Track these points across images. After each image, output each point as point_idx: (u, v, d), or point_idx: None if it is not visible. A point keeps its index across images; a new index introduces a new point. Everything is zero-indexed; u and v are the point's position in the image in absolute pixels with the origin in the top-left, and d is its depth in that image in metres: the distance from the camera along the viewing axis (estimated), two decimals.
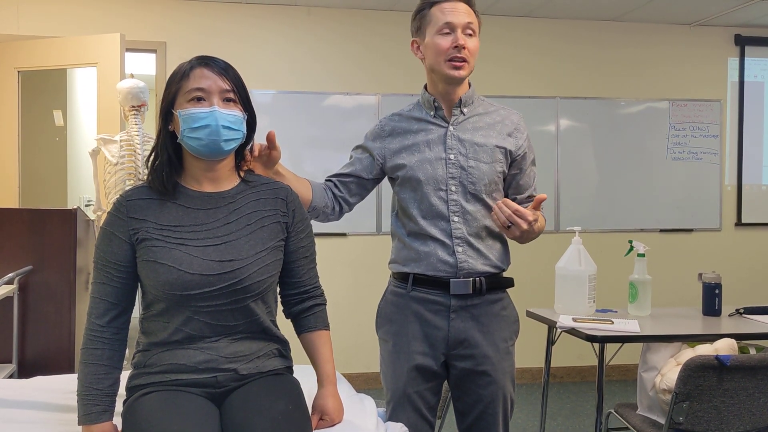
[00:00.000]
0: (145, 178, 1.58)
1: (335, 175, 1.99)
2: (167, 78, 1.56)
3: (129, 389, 1.53)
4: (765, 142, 5.03)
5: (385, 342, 1.97)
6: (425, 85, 1.97)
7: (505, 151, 1.92)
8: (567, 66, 4.77)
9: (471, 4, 1.87)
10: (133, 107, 3.57)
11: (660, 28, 4.86)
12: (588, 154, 4.79)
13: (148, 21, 4.32)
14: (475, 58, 1.87)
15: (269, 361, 1.57)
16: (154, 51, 4.35)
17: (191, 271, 1.47)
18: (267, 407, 1.44)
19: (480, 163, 1.88)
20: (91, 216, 3.56)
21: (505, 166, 1.93)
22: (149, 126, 3.59)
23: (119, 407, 1.52)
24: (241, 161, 1.64)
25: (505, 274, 1.97)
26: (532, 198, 1.99)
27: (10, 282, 2.91)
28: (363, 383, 4.30)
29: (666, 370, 2.41)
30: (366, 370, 4.44)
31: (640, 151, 4.83)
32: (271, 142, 1.69)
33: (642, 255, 2.75)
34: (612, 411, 2.67)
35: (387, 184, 2.03)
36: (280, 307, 1.67)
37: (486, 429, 1.91)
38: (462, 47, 1.81)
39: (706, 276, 2.81)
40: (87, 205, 4.56)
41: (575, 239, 2.70)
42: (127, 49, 4.07)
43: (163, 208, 1.53)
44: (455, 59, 1.82)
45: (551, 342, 2.82)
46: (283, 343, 1.63)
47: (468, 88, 1.93)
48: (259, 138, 1.68)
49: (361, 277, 4.50)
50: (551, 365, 2.90)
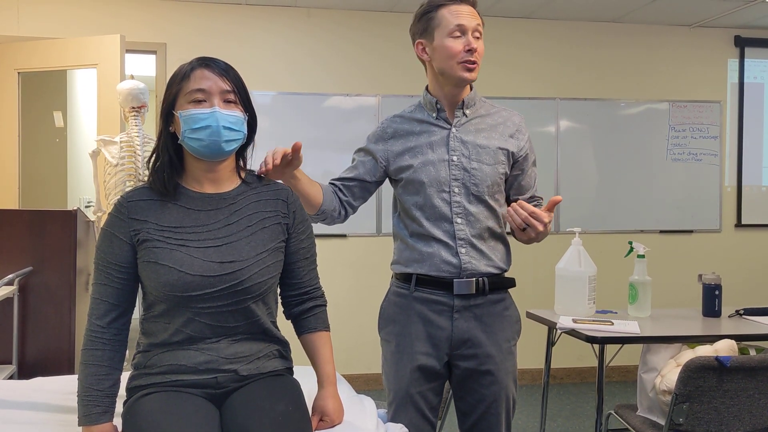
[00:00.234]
0: (145, 179, 1.58)
1: (339, 180, 1.99)
2: (167, 79, 1.56)
3: (129, 390, 1.53)
4: (765, 143, 5.03)
5: (388, 342, 1.97)
6: (426, 87, 1.97)
7: (508, 153, 1.92)
8: (567, 67, 4.78)
9: (476, 6, 1.88)
10: (133, 108, 3.57)
11: (660, 29, 4.86)
12: (588, 155, 4.79)
13: (148, 22, 4.32)
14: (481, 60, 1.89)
15: (269, 362, 1.57)
16: (154, 52, 4.36)
17: (192, 273, 1.47)
18: (267, 408, 1.44)
19: (483, 165, 1.88)
20: (91, 217, 3.56)
21: (507, 167, 1.93)
22: (149, 127, 3.60)
23: (119, 408, 1.52)
24: (243, 162, 1.64)
25: (506, 275, 1.97)
26: (533, 198, 2.00)
27: (10, 283, 2.91)
28: (363, 384, 4.30)
29: (666, 371, 2.41)
30: (366, 371, 4.44)
31: (640, 152, 4.83)
32: (296, 153, 1.69)
33: (642, 256, 2.76)
34: (612, 412, 2.67)
35: (387, 184, 2.03)
36: (280, 308, 1.67)
37: (488, 429, 1.92)
38: (474, 50, 1.83)
39: (706, 277, 2.81)
40: (87, 206, 4.56)
41: (575, 240, 2.70)
42: (127, 51, 4.07)
43: (164, 209, 1.53)
44: (468, 62, 1.83)
45: (551, 343, 2.82)
46: (284, 344, 1.63)
47: (470, 89, 1.94)
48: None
49: (362, 278, 4.50)
50: (551, 366, 2.90)
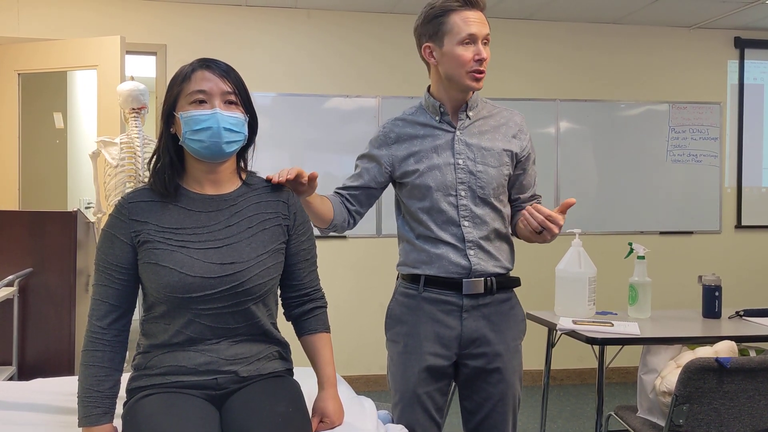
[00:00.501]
0: (146, 180, 1.58)
1: (345, 189, 1.97)
2: (168, 80, 1.56)
3: (129, 391, 1.54)
4: (765, 144, 5.03)
5: (395, 343, 1.96)
6: (428, 88, 1.95)
7: (512, 154, 1.92)
8: (567, 68, 4.78)
9: (485, 12, 1.86)
10: (134, 110, 3.57)
11: (660, 30, 4.87)
12: (588, 156, 4.79)
13: (148, 23, 4.32)
14: None
15: (269, 364, 1.58)
16: (154, 53, 4.36)
17: (192, 274, 1.47)
18: (267, 409, 1.45)
19: (488, 168, 1.88)
20: (92, 218, 3.56)
21: (511, 168, 1.94)
22: (149, 128, 3.60)
23: (119, 409, 1.52)
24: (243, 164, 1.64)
25: (510, 274, 1.97)
26: (534, 197, 2.01)
27: (10, 284, 2.91)
28: (363, 385, 4.30)
29: (666, 372, 2.41)
30: (367, 372, 4.44)
31: (640, 154, 4.83)
32: (312, 181, 1.69)
33: (642, 257, 2.76)
34: (612, 413, 2.67)
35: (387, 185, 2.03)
36: (280, 310, 1.67)
37: (494, 427, 1.91)
38: (483, 59, 1.82)
39: (706, 278, 2.81)
40: (87, 208, 4.55)
41: (575, 241, 2.70)
42: (128, 52, 4.07)
43: (165, 210, 1.53)
44: (477, 71, 1.82)
45: (551, 344, 2.82)
46: (284, 346, 1.64)
47: (472, 92, 1.94)
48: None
49: (362, 280, 4.50)
50: (551, 367, 2.90)
